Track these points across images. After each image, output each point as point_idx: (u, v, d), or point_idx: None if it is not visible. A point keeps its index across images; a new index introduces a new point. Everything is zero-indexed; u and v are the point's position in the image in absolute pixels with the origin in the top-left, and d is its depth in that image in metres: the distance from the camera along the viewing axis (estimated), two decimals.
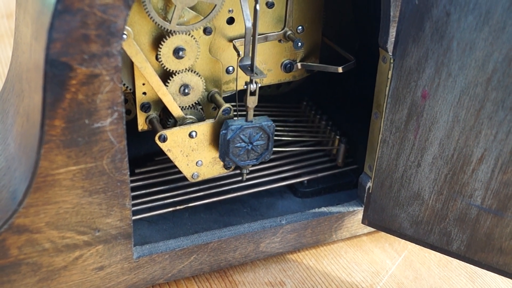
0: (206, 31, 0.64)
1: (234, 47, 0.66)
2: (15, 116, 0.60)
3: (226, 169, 0.68)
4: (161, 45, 0.61)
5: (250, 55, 0.61)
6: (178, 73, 0.64)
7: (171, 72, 0.63)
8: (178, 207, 0.70)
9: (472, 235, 0.62)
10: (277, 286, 0.68)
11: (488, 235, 0.61)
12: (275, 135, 0.73)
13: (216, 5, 0.61)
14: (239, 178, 0.74)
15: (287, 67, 0.71)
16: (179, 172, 0.67)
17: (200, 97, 0.66)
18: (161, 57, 0.62)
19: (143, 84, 0.63)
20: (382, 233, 0.75)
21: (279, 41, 0.70)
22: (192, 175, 0.67)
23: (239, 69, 0.67)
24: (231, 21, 0.66)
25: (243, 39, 0.67)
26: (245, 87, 0.63)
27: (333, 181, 0.76)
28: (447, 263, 0.72)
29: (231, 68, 0.68)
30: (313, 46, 0.72)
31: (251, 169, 0.73)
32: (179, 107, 0.65)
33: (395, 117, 0.62)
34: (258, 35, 0.66)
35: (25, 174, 0.54)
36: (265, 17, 0.68)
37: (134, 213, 0.67)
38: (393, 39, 0.61)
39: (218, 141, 0.65)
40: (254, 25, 0.59)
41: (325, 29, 0.73)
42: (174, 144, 0.64)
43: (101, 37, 0.49)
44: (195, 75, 0.64)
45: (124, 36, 0.58)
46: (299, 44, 0.69)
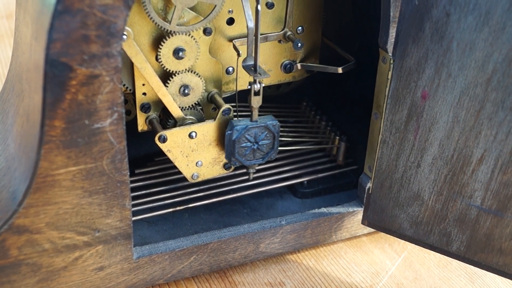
0: (206, 31, 0.64)
1: (234, 46, 0.66)
2: (15, 116, 0.60)
3: (226, 169, 0.68)
4: (161, 45, 0.61)
5: (253, 55, 0.61)
6: (178, 74, 0.64)
7: (171, 72, 0.63)
8: (178, 208, 0.70)
9: (472, 236, 0.62)
10: (277, 287, 0.68)
11: (488, 235, 0.61)
12: None
13: (216, 5, 0.61)
14: (239, 179, 0.74)
15: (287, 68, 0.71)
16: (179, 172, 0.67)
17: (200, 97, 0.66)
18: (161, 57, 0.62)
19: (143, 85, 0.63)
20: (382, 234, 0.75)
21: (279, 41, 0.70)
22: (192, 175, 0.67)
23: (239, 70, 0.67)
24: (231, 21, 0.66)
25: (243, 39, 0.67)
26: (249, 87, 0.63)
27: (333, 181, 0.76)
28: (446, 263, 0.72)
29: (231, 69, 0.68)
30: (313, 47, 0.72)
31: None
32: (179, 107, 0.65)
33: (395, 117, 0.62)
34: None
35: (25, 174, 0.54)
36: (265, 17, 0.68)
37: (134, 213, 0.67)
38: (393, 40, 0.61)
39: (217, 141, 0.65)
40: (256, 25, 0.59)
41: (325, 30, 0.73)
42: (174, 144, 0.64)
43: (101, 38, 0.49)
44: (195, 75, 0.64)
45: (124, 37, 0.58)
46: (299, 44, 0.69)
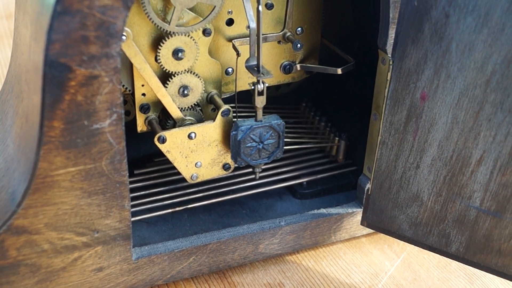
0: (206, 32, 0.64)
1: (233, 46, 0.66)
2: (14, 117, 0.60)
3: (225, 170, 0.68)
4: (160, 46, 0.61)
5: (255, 55, 0.61)
6: (177, 74, 0.64)
7: (170, 73, 0.63)
8: (177, 209, 0.70)
9: (471, 237, 0.62)
10: (276, 287, 0.68)
11: (487, 236, 0.61)
12: None
13: (215, 6, 0.61)
14: (238, 180, 0.74)
15: (287, 69, 0.71)
16: (178, 173, 0.67)
17: (199, 98, 0.66)
18: (160, 58, 0.62)
19: (142, 85, 0.63)
20: (381, 235, 0.75)
21: (279, 42, 0.70)
22: (191, 176, 0.67)
23: (238, 70, 0.67)
24: (230, 22, 0.66)
25: (243, 39, 0.67)
26: (252, 87, 0.63)
27: (332, 182, 0.76)
28: (446, 264, 0.72)
29: (230, 70, 0.68)
30: (312, 48, 0.72)
31: (250, 170, 0.73)
32: (178, 108, 0.65)
33: (394, 118, 0.62)
34: None
35: (24, 175, 0.54)
36: (264, 18, 0.68)
37: (133, 214, 0.67)
38: (392, 41, 0.61)
39: (217, 142, 0.65)
40: (258, 26, 0.59)
41: (324, 31, 0.73)
42: (173, 145, 0.64)
43: (100, 39, 0.49)
44: (194, 76, 0.64)
45: (123, 37, 0.58)
46: (299, 45, 0.69)
